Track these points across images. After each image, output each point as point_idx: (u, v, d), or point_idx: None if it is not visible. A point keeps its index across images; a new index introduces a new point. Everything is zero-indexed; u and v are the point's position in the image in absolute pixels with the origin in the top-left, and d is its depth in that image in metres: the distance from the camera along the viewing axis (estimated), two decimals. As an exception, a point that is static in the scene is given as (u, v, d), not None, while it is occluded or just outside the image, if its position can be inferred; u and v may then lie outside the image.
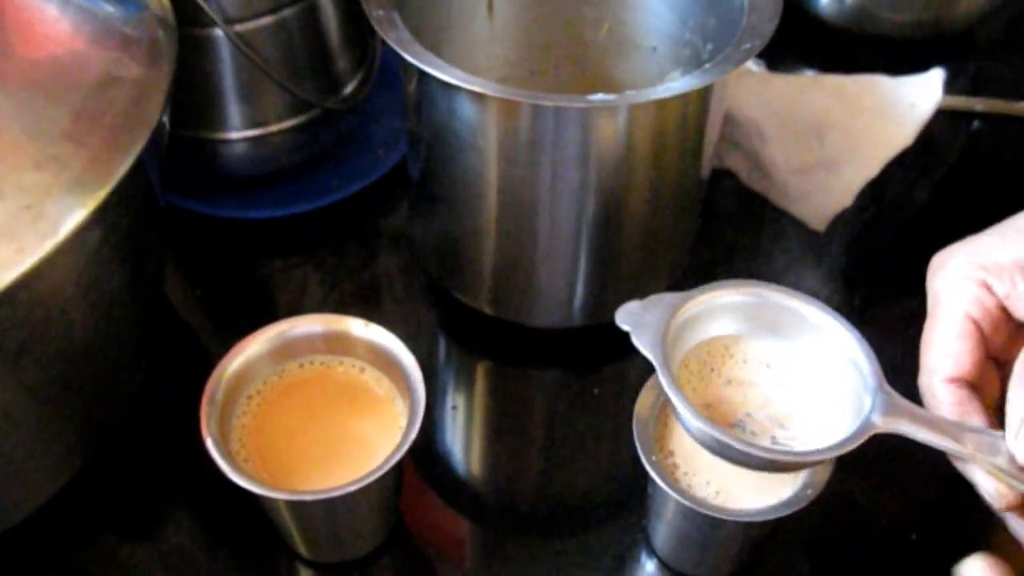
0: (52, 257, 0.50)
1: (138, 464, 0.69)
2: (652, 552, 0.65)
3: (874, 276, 0.81)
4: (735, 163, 0.87)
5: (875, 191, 0.84)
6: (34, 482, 0.62)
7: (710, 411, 0.58)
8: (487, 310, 0.76)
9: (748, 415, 0.58)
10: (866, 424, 0.51)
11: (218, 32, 0.74)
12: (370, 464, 0.56)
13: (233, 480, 0.55)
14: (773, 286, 0.58)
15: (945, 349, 0.53)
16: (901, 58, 0.92)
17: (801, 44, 0.90)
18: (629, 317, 0.56)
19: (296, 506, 0.57)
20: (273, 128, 0.82)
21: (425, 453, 0.71)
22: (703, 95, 0.65)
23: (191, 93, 0.77)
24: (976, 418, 0.52)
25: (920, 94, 0.85)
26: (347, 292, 0.81)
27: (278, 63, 0.78)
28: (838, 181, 0.83)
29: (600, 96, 0.61)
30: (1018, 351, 0.52)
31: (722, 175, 0.88)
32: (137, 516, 0.67)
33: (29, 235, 0.49)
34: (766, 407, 0.58)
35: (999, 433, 0.50)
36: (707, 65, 0.63)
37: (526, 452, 0.72)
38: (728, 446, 0.51)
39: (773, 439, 0.57)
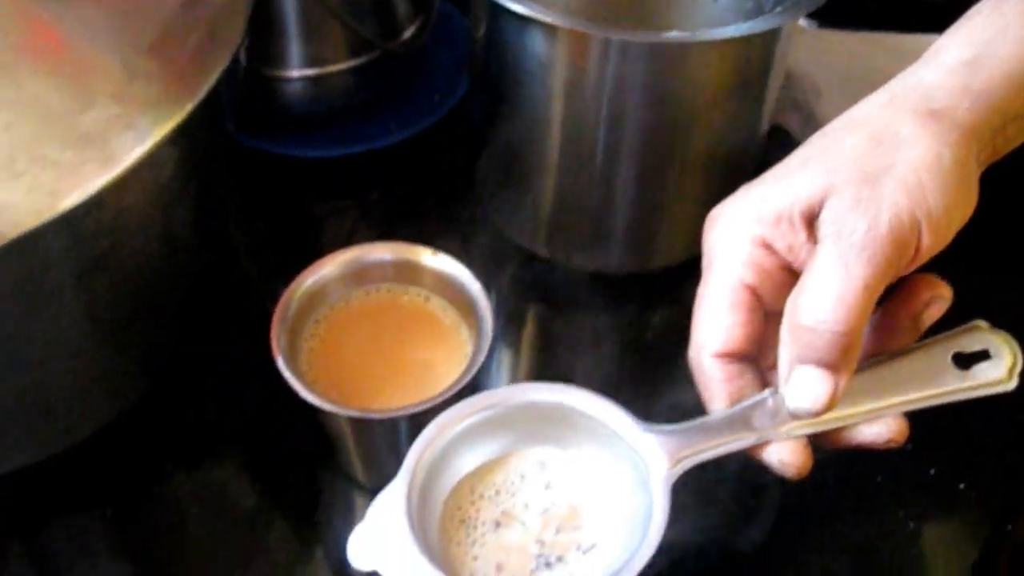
0: (139, 167, 0.51)
1: (199, 392, 0.70)
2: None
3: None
4: (789, 120, 0.88)
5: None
6: (95, 403, 0.63)
7: (506, 567, 0.49)
8: (542, 252, 0.76)
9: (541, 543, 0.50)
10: (663, 483, 0.46)
11: (285, -32, 0.75)
12: (433, 390, 0.57)
13: (301, 396, 0.57)
14: (493, 392, 0.51)
15: (716, 322, 0.49)
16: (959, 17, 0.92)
17: (858, 2, 0.90)
18: (365, 552, 0.47)
19: (360, 425, 0.58)
20: (332, 68, 0.82)
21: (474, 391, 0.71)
22: (769, 40, 0.65)
23: (256, 29, 0.78)
24: (749, 392, 0.49)
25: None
26: (399, 235, 0.82)
27: (341, 2, 0.79)
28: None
29: (673, 33, 0.61)
30: None
31: (776, 131, 0.88)
32: (196, 443, 0.68)
33: (119, 143, 0.50)
34: (549, 523, 0.50)
35: (771, 389, 0.48)
36: (777, 9, 0.64)
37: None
38: None
39: (579, 547, 0.49)
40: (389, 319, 0.63)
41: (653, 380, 0.72)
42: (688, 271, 0.73)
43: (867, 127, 0.49)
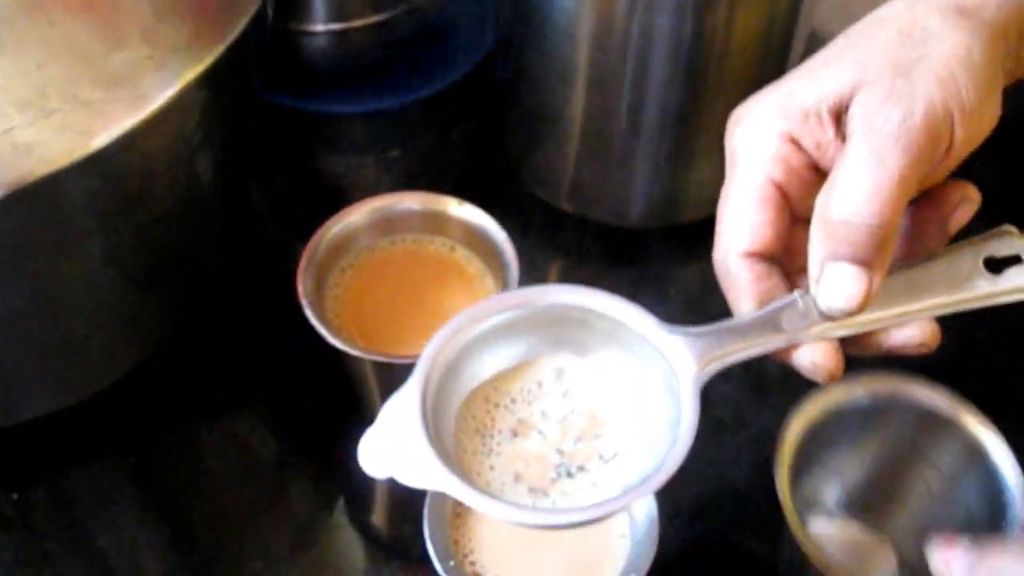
0: (168, 109, 0.51)
1: (224, 340, 0.71)
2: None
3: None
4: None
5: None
6: (119, 350, 0.64)
7: (524, 477, 0.47)
8: (565, 207, 0.77)
9: (560, 453, 0.47)
10: (691, 384, 0.44)
11: (309, -81, 0.75)
12: (458, 339, 0.57)
13: (328, 340, 0.57)
14: (512, 293, 0.49)
15: (743, 219, 0.47)
16: None
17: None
18: (377, 456, 0.43)
19: (384, 369, 0.58)
20: (356, 23, 0.82)
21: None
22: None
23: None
24: (778, 293, 0.46)
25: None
26: (421, 189, 0.83)
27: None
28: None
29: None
30: None
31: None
32: (221, 390, 0.69)
33: (151, 83, 0.51)
34: (568, 431, 0.48)
35: (800, 291, 0.46)
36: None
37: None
38: (548, 524, 0.44)
39: (601, 456, 0.47)
40: (414, 268, 0.64)
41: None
42: (712, 227, 0.74)
43: (895, 24, 0.46)
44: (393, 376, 0.59)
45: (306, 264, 0.59)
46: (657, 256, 0.77)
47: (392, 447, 0.43)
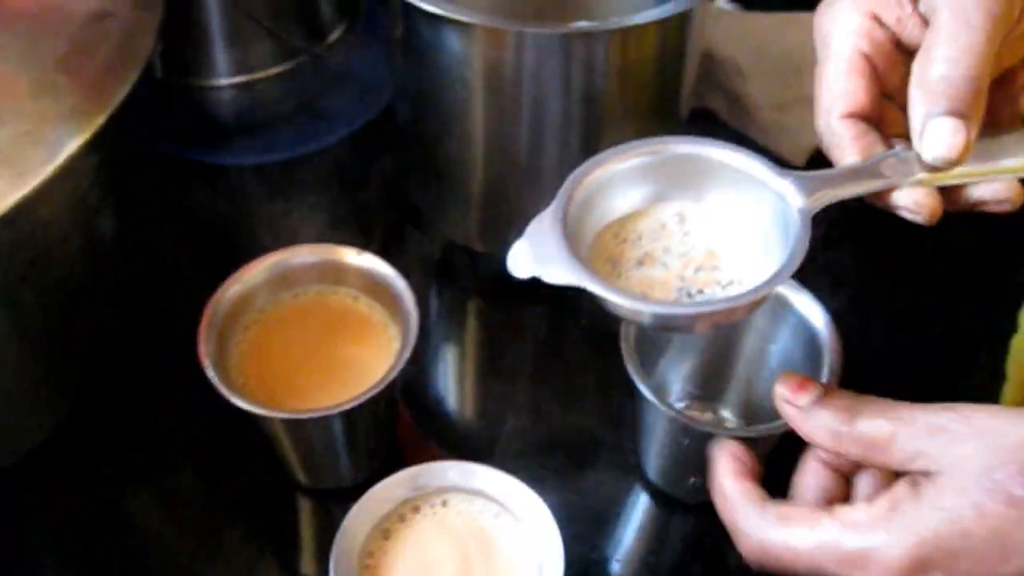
0: (52, 182, 0.51)
1: (133, 404, 0.70)
2: (645, 479, 0.67)
3: (851, 206, 0.83)
4: (715, 102, 0.89)
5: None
6: (28, 421, 0.64)
7: (650, 297, 0.53)
8: (476, 246, 0.77)
9: (682, 280, 0.53)
10: (802, 215, 0.49)
11: (206, -22, 0.76)
12: (365, 387, 0.58)
13: (232, 402, 0.57)
14: (639, 142, 0.53)
15: (839, 86, 0.52)
16: None
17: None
18: (525, 260, 0.50)
19: (293, 425, 0.59)
20: (260, 74, 0.83)
21: (417, 388, 0.72)
22: (681, 23, 0.66)
23: (180, 40, 0.78)
24: (878, 148, 0.51)
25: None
26: (337, 236, 0.83)
27: (265, 9, 0.79)
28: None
29: (581, 23, 0.62)
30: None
31: (702, 114, 0.89)
32: (133, 455, 0.68)
33: (30, 160, 0.51)
34: (688, 263, 0.53)
35: (902, 146, 0.50)
36: (686, -6, 0.65)
37: (516, 384, 0.74)
38: (675, 316, 0.51)
39: (719, 285, 0.53)
40: (318, 320, 0.64)
41: (590, 366, 0.73)
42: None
43: None
44: (303, 430, 0.59)
45: (206, 326, 0.60)
46: (568, 288, 0.77)
47: (536, 253, 0.50)
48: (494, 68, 0.65)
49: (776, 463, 0.62)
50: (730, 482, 0.51)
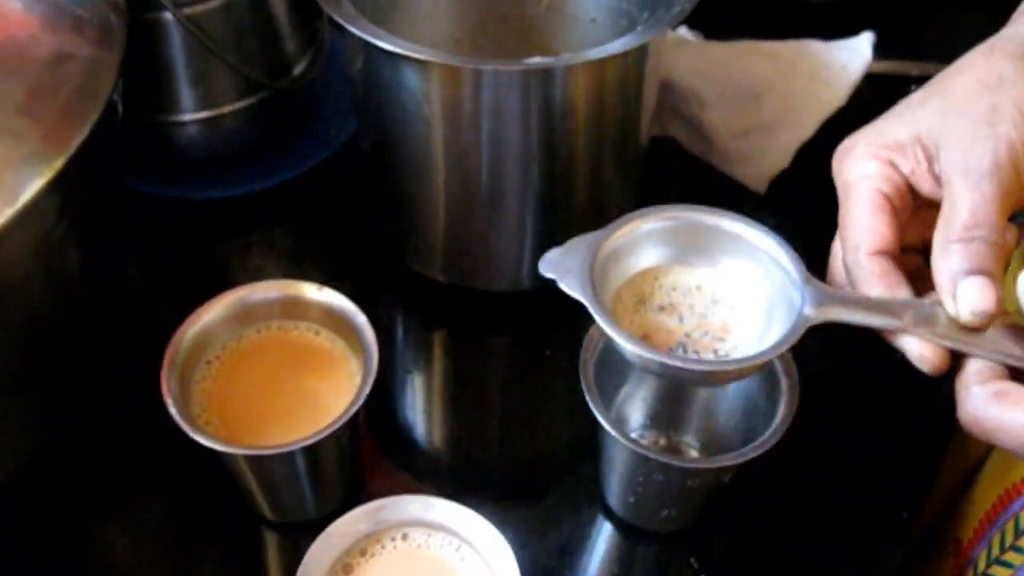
0: (11, 225, 0.52)
1: (100, 441, 0.71)
2: (608, 509, 0.67)
3: (814, 234, 0.84)
4: (676, 130, 0.90)
5: (814, 152, 0.87)
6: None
7: (648, 341, 0.58)
8: (440, 277, 0.78)
9: (687, 336, 0.58)
10: (800, 319, 0.53)
11: (168, 15, 0.76)
12: (327, 421, 0.58)
13: (194, 439, 0.57)
14: (688, 206, 0.59)
15: (865, 224, 0.55)
16: (835, 24, 0.95)
17: (737, 13, 0.92)
18: (552, 265, 0.57)
19: (256, 461, 0.59)
20: (225, 109, 0.83)
21: (383, 419, 0.73)
22: (637, 57, 0.67)
23: (144, 77, 0.78)
24: (903, 289, 0.53)
25: (850, 56, 0.87)
26: (303, 268, 0.84)
27: (228, 45, 0.79)
28: (775, 143, 0.85)
29: (537, 59, 0.63)
30: (923, 230, 0.55)
31: (664, 142, 0.90)
32: (101, 492, 0.69)
33: (-11, 203, 0.51)
34: (702, 326, 0.59)
35: (930, 300, 0.52)
36: (640, 27, 0.66)
37: (481, 415, 0.74)
38: (666, 365, 0.53)
39: (715, 353, 0.58)
40: (280, 355, 0.64)
41: (554, 397, 0.74)
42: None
43: (974, 72, 0.55)
44: (266, 466, 0.60)
45: (169, 364, 0.60)
46: (532, 319, 0.78)
47: (563, 263, 0.56)
48: (453, 104, 0.66)
49: (739, 488, 0.63)
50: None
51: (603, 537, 0.67)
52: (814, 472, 0.70)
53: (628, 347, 0.53)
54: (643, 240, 0.59)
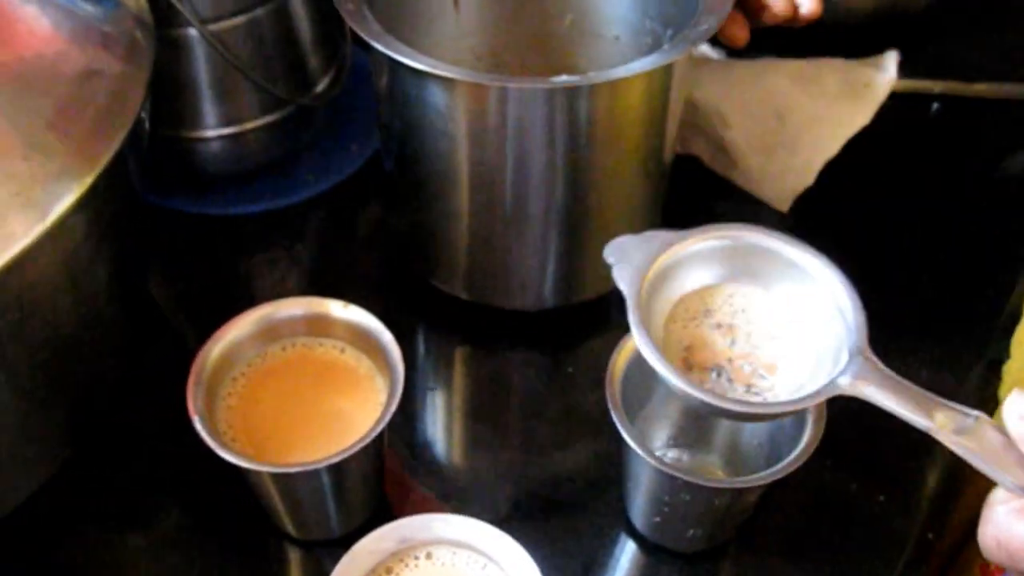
0: (41, 242, 0.52)
1: (124, 454, 0.71)
2: (632, 528, 0.67)
3: (837, 253, 0.84)
4: (699, 148, 0.90)
5: (837, 171, 0.86)
6: (20, 473, 0.64)
7: (690, 353, 0.58)
8: (463, 295, 0.78)
9: (729, 361, 0.58)
10: (831, 385, 0.52)
11: (193, 32, 0.76)
12: (353, 439, 0.58)
13: (220, 456, 0.57)
14: (768, 232, 0.59)
15: None
16: (859, 43, 0.95)
17: (760, 30, 0.92)
18: (617, 250, 0.57)
19: (281, 479, 0.59)
20: (248, 126, 0.83)
21: (406, 437, 0.72)
22: (663, 75, 0.67)
23: (168, 93, 0.79)
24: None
25: (875, 75, 0.87)
26: (325, 284, 0.83)
27: (251, 62, 0.80)
28: (799, 161, 0.85)
29: (563, 77, 0.63)
30: None
31: (687, 160, 0.90)
32: (124, 506, 0.69)
33: (19, 220, 0.51)
34: (749, 357, 0.58)
35: (974, 413, 0.50)
36: (665, 46, 0.66)
37: (504, 433, 0.74)
38: (689, 395, 0.52)
39: (748, 388, 0.57)
40: (305, 372, 0.64)
41: (577, 415, 0.74)
42: (605, 304, 0.76)
43: None
44: (291, 483, 0.60)
45: (194, 381, 0.60)
46: (555, 336, 0.78)
47: (626, 253, 0.56)
48: (477, 122, 0.66)
49: (763, 507, 0.63)
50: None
51: (627, 556, 0.66)
52: (838, 491, 0.69)
53: (658, 366, 0.53)
54: (714, 255, 0.59)
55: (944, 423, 0.50)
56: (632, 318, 0.54)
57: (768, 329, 0.59)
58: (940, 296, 0.83)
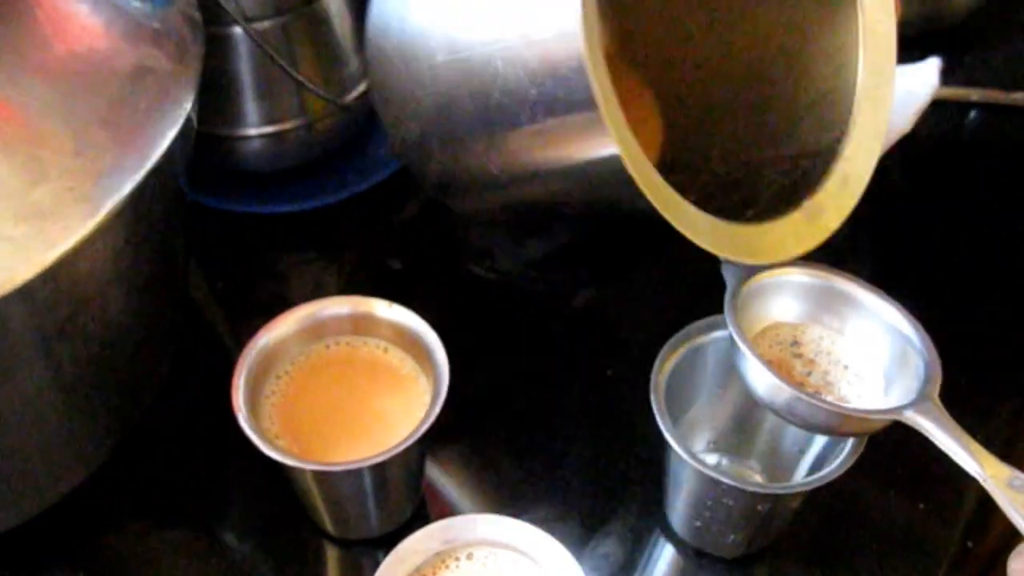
0: (94, 236, 0.52)
1: (163, 451, 0.71)
2: (671, 532, 0.67)
3: (876, 263, 0.84)
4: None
5: (876, 179, 0.86)
6: (63, 469, 0.64)
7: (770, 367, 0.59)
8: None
9: (801, 386, 0.59)
10: (894, 411, 0.55)
11: (237, 30, 0.77)
12: (395, 440, 0.58)
13: (264, 452, 0.58)
14: (856, 280, 0.62)
15: None
16: (899, 50, 0.95)
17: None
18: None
19: (324, 477, 0.59)
20: (289, 125, 0.84)
21: (447, 438, 0.72)
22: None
23: (211, 90, 0.79)
24: None
25: (917, 82, 0.87)
26: (363, 284, 0.84)
27: (293, 61, 0.80)
28: (839, 168, 0.85)
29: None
30: None
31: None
32: (163, 502, 0.69)
33: (74, 215, 0.52)
34: (822, 389, 0.60)
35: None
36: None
37: (543, 434, 0.74)
38: (794, 397, 0.55)
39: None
40: (349, 371, 0.64)
41: (617, 417, 0.75)
42: (648, 309, 0.76)
43: None
44: (333, 482, 0.60)
45: (238, 377, 0.60)
46: (597, 339, 0.79)
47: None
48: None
49: (804, 513, 0.63)
50: None
51: (665, 560, 0.66)
52: (877, 498, 0.69)
53: (754, 363, 0.56)
54: (797, 292, 0.62)
55: (999, 476, 0.52)
56: (728, 305, 0.58)
57: (845, 375, 0.61)
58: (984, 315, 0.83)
